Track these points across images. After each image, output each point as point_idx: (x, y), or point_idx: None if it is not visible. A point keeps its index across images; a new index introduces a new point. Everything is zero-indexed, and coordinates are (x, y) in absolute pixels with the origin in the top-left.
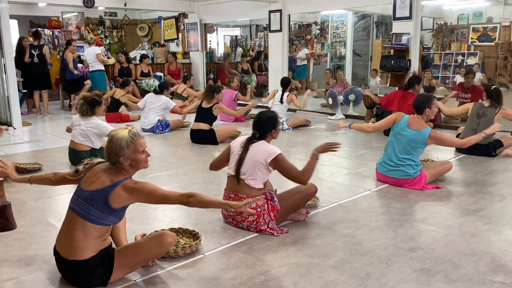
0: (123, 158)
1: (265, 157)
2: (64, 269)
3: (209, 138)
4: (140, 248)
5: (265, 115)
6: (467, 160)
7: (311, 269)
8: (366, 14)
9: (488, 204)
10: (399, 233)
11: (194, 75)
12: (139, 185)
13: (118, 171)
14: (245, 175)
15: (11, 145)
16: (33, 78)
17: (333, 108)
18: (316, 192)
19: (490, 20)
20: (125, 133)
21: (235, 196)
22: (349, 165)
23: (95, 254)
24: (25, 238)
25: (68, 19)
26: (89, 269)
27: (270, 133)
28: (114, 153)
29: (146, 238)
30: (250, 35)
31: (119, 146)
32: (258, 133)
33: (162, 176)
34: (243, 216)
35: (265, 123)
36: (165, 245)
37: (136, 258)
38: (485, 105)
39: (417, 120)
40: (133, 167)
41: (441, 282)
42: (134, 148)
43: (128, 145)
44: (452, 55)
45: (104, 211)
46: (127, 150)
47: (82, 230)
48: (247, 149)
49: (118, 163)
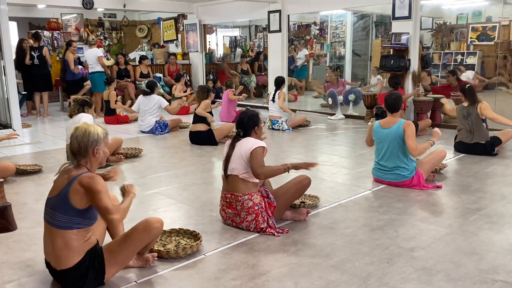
0: (97, 149)
1: (250, 147)
2: (57, 279)
3: (207, 139)
4: (128, 239)
5: (246, 114)
6: (467, 159)
7: (312, 269)
8: (365, 14)
9: (488, 203)
10: (400, 233)
11: (194, 76)
12: (93, 178)
13: (78, 167)
14: (237, 170)
15: (11, 146)
16: (34, 79)
17: (333, 108)
18: (309, 183)
19: (489, 20)
20: (98, 128)
21: (231, 195)
22: (349, 165)
23: (82, 258)
24: (25, 240)
25: (68, 21)
26: (80, 274)
27: (253, 130)
28: (89, 144)
29: (132, 228)
30: (249, 36)
31: (97, 136)
32: (242, 131)
33: (162, 177)
34: (241, 216)
35: (248, 121)
36: (153, 231)
37: (126, 251)
38: (465, 105)
39: (390, 119)
40: (97, 161)
41: (443, 281)
42: (106, 142)
43: (103, 138)
44: (451, 54)
45: (69, 213)
46: (102, 141)
47: (60, 239)
48: (233, 147)
49: (86, 156)
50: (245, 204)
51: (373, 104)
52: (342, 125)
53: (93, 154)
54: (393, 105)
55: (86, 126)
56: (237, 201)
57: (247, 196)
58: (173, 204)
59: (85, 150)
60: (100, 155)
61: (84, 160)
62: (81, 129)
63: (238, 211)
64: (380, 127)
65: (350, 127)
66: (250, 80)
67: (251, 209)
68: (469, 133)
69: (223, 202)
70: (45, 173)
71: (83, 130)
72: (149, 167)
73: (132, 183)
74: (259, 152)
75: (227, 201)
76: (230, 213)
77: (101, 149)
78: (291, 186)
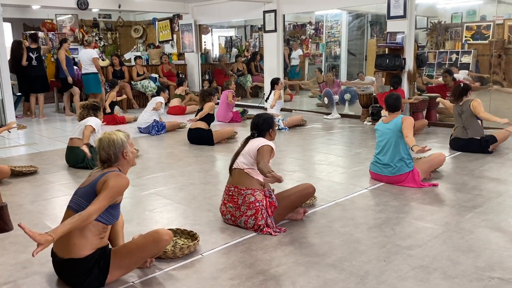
0: (125, 152)
1: (258, 144)
2: (61, 270)
3: (206, 138)
4: (136, 247)
5: (261, 117)
6: (463, 157)
7: (310, 268)
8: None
9: (485, 201)
10: (397, 231)
11: (189, 76)
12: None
13: (112, 167)
14: (242, 164)
15: (6, 148)
16: (31, 81)
17: (329, 107)
18: (314, 192)
19: (483, 19)
20: (119, 133)
21: (235, 188)
22: (346, 164)
23: (92, 253)
24: (21, 241)
25: (62, 22)
26: (85, 268)
27: (268, 132)
28: (118, 150)
29: (142, 237)
30: (245, 36)
31: (122, 142)
32: (257, 133)
33: (158, 177)
34: (241, 210)
35: (263, 123)
36: (161, 243)
37: (133, 258)
38: (459, 103)
39: (389, 117)
40: (129, 162)
41: (440, 279)
42: (130, 143)
43: (127, 141)
44: (446, 53)
45: None
46: (127, 144)
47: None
48: (245, 144)
49: (119, 160)
50: (247, 198)
51: (368, 104)
52: (338, 125)
53: (123, 157)
54: (394, 105)
55: (108, 135)
56: (240, 195)
57: (250, 191)
58: (169, 204)
59: (116, 156)
60: (129, 156)
61: (116, 164)
62: (105, 140)
63: (239, 205)
64: (382, 123)
65: (346, 126)
66: (246, 80)
67: (252, 204)
68: (464, 130)
69: (226, 196)
70: (41, 175)
71: (107, 140)
72: (146, 168)
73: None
74: (265, 149)
75: (230, 195)
76: (230, 207)
77: (129, 151)
78: (295, 192)
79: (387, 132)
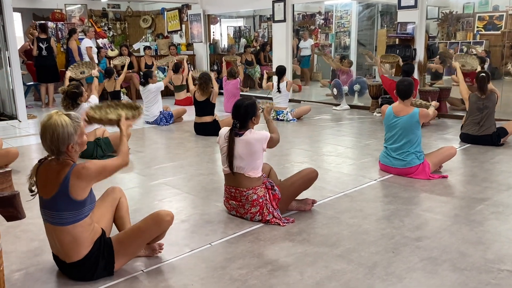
0: (72, 146)
1: (262, 144)
2: (67, 271)
3: (213, 130)
4: (138, 231)
5: (243, 103)
6: (473, 149)
7: (318, 258)
8: (370, 4)
9: (495, 193)
10: (406, 222)
11: (198, 67)
12: (87, 168)
13: (62, 162)
14: (244, 169)
15: (16, 137)
16: (41, 71)
17: (338, 98)
18: (317, 176)
19: (496, 9)
20: (66, 119)
21: (235, 190)
22: (355, 155)
23: (91, 249)
24: (32, 230)
25: (71, 12)
26: (91, 264)
27: (251, 120)
28: (62, 143)
29: (143, 220)
30: (253, 26)
31: (68, 133)
32: (239, 122)
33: (167, 168)
34: (245, 208)
35: (244, 111)
36: (163, 224)
37: (136, 242)
38: (482, 97)
39: (401, 107)
40: (76, 152)
41: (448, 271)
42: (80, 132)
43: (76, 130)
44: (457, 44)
45: (75, 208)
46: (75, 136)
47: (67, 235)
48: (233, 141)
49: (62, 154)
50: (249, 197)
51: (378, 95)
52: (347, 116)
53: (68, 150)
54: (404, 91)
55: (54, 126)
56: (242, 196)
57: (251, 191)
58: (178, 194)
59: (58, 150)
60: (76, 148)
61: (63, 156)
62: (49, 131)
63: (243, 203)
64: (393, 114)
65: (355, 117)
66: (254, 71)
67: (255, 202)
68: (477, 125)
69: (227, 195)
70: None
71: (51, 133)
72: (154, 158)
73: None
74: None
75: (231, 195)
76: (234, 204)
77: (75, 144)
78: (298, 178)
79: (399, 125)
